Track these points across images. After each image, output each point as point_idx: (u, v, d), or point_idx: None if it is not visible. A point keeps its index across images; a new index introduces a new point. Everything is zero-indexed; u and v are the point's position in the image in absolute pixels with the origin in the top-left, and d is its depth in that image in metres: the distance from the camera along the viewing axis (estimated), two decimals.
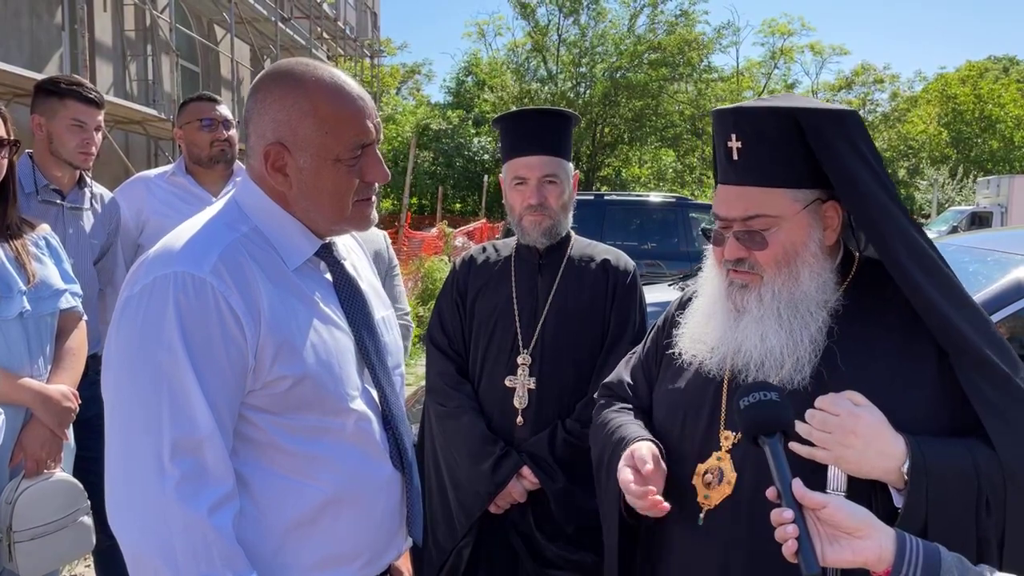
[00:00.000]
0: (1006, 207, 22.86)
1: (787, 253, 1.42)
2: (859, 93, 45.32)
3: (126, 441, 1.29)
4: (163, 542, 1.26)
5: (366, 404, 1.48)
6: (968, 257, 3.39)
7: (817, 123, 1.37)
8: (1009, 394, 1.33)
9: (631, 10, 36.18)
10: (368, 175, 1.45)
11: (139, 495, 1.27)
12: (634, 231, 10.27)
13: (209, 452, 1.29)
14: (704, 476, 1.49)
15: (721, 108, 1.47)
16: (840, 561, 1.16)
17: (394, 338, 1.66)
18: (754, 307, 1.44)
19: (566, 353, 2.32)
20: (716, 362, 1.51)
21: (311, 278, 1.48)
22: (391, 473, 1.53)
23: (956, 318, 1.36)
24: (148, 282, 1.32)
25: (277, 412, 1.38)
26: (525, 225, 2.35)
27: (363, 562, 1.50)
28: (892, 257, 1.38)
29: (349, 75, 1.48)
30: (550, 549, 2.27)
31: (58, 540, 2.18)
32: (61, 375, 2.32)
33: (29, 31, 10.77)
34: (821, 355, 1.42)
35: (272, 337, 1.34)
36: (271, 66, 1.48)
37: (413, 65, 50.04)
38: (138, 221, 3.17)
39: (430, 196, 29.67)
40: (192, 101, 3.28)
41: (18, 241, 2.25)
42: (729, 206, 1.45)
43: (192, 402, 1.28)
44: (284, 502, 1.40)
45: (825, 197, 1.43)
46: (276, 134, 1.39)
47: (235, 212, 1.46)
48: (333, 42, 22.50)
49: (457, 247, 14.55)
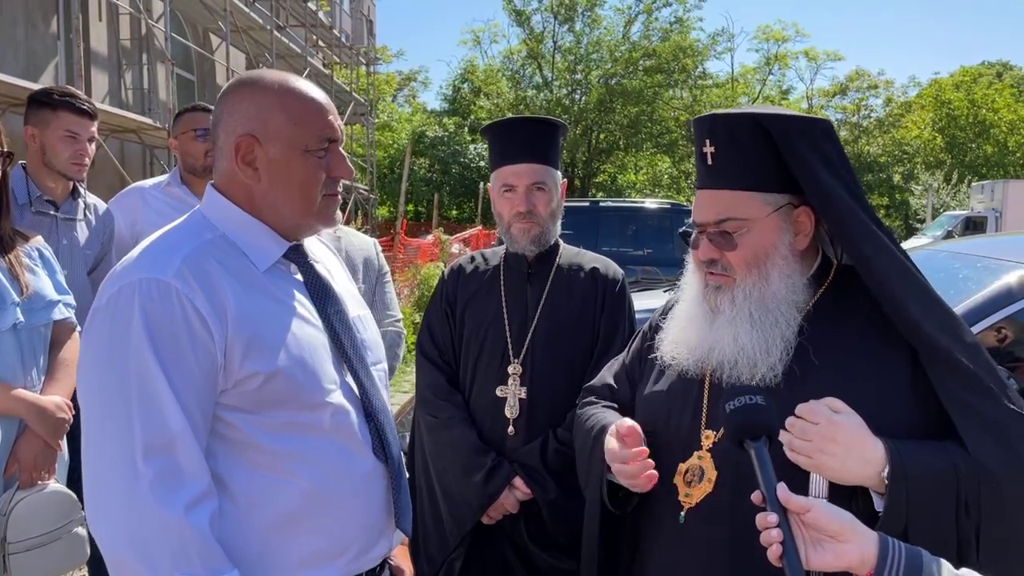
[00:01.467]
0: (1000, 212, 22.94)
1: (757, 255, 1.47)
2: (853, 99, 45.47)
3: (100, 446, 1.31)
4: (140, 542, 1.27)
5: (345, 397, 1.50)
6: (958, 263, 3.40)
7: (787, 130, 1.42)
8: (978, 392, 1.36)
9: (626, 17, 36.38)
10: (334, 171, 1.50)
11: (115, 497, 1.29)
12: (629, 237, 10.31)
13: (182, 451, 1.31)
14: (685, 475, 1.52)
15: (700, 116, 1.54)
16: (823, 564, 1.17)
17: (373, 336, 1.68)
18: (727, 308, 1.49)
19: (557, 362, 2.33)
20: (694, 362, 1.55)
21: (281, 279, 1.51)
22: (374, 465, 1.54)
23: (925, 318, 1.39)
24: (114, 292, 1.35)
25: (252, 410, 1.40)
26: (514, 233, 2.36)
27: (351, 556, 1.51)
28: (861, 257, 1.43)
29: (313, 84, 1.55)
30: (542, 559, 2.27)
31: (52, 551, 2.18)
32: (55, 386, 2.33)
33: (24, 41, 10.77)
34: (793, 353, 1.45)
35: (240, 334, 1.37)
36: (236, 77, 1.56)
37: (409, 72, 50.11)
38: (133, 231, 3.18)
39: (426, 203, 29.70)
40: (187, 111, 3.30)
41: (11, 253, 2.26)
42: (703, 210, 1.51)
43: (162, 403, 1.30)
44: (265, 500, 1.41)
45: (797, 203, 1.48)
46: (247, 127, 1.44)
47: (200, 221, 1.50)
48: (329, 50, 22.53)
49: (453, 254, 14.55)
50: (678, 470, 1.53)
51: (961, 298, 2.82)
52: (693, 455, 1.52)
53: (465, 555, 2.32)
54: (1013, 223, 21.77)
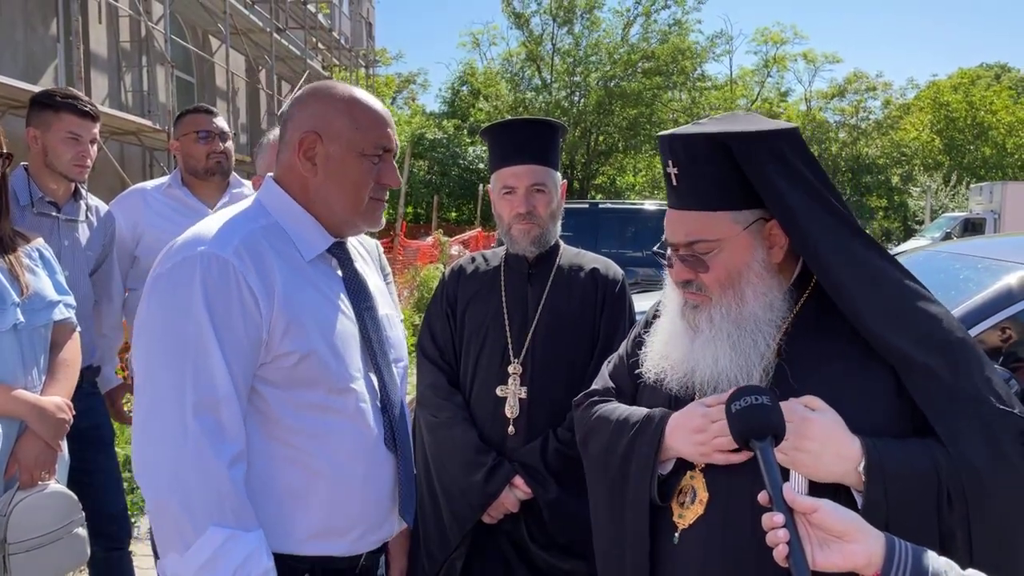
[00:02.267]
0: (999, 213, 22.97)
1: (730, 274, 1.44)
2: (852, 101, 45.54)
3: (153, 401, 1.45)
4: (183, 491, 1.40)
5: (366, 387, 1.62)
6: (959, 264, 3.41)
7: (745, 145, 1.38)
8: (960, 398, 1.35)
9: (624, 19, 36.42)
10: (383, 178, 1.64)
11: (163, 447, 1.42)
12: (629, 239, 10.30)
13: (226, 413, 1.45)
14: (678, 496, 1.50)
15: (661, 134, 1.49)
16: (830, 565, 1.17)
17: (397, 335, 1.80)
18: (706, 327, 1.46)
19: (557, 362, 2.34)
20: (678, 380, 1.52)
21: (323, 271, 1.64)
22: (384, 454, 1.66)
23: (891, 331, 1.37)
24: (178, 260, 1.49)
25: (284, 387, 1.52)
26: (514, 234, 2.37)
27: (356, 535, 1.63)
28: (825, 272, 1.40)
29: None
30: (542, 558, 2.27)
31: (52, 552, 2.18)
32: (55, 387, 2.33)
33: (24, 43, 10.78)
34: (773, 373, 1.43)
35: (283, 314, 1.50)
36: (310, 84, 1.73)
37: (408, 75, 50.23)
38: (134, 233, 3.18)
39: (426, 205, 29.69)
40: (189, 113, 3.29)
41: (12, 253, 2.26)
42: (673, 231, 1.49)
43: (213, 367, 1.44)
44: (284, 473, 1.54)
45: (768, 216, 1.44)
46: (313, 125, 1.59)
47: (258, 208, 1.64)
48: (328, 52, 22.55)
49: (452, 255, 14.55)
50: (673, 490, 1.51)
51: (962, 299, 2.83)
52: (686, 475, 1.50)
53: (466, 554, 2.33)
54: (1012, 225, 21.79)
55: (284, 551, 1.53)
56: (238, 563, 1.40)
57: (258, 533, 1.45)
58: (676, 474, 1.52)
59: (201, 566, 1.39)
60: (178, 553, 1.41)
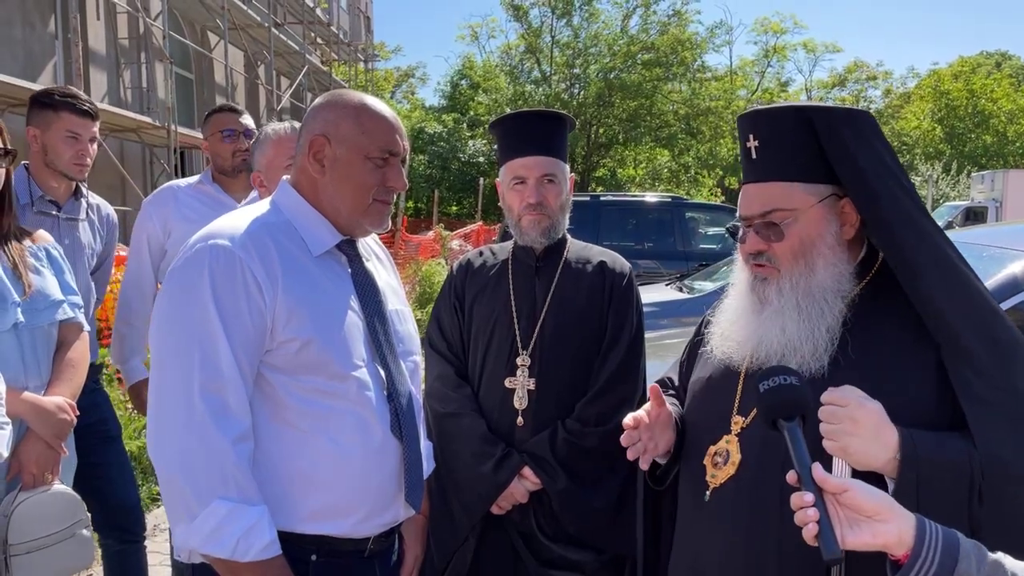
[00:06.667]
0: (1001, 202, 22.89)
1: (803, 244, 1.49)
2: (852, 90, 45.49)
3: (164, 383, 1.56)
4: (189, 466, 1.50)
5: (369, 375, 1.69)
6: (964, 252, 3.38)
7: (829, 121, 1.46)
8: (1000, 388, 1.36)
9: (624, 11, 36.24)
10: (389, 180, 1.71)
11: (172, 424, 1.53)
12: (630, 231, 10.25)
13: (232, 393, 1.54)
14: (713, 457, 1.58)
15: (743, 112, 1.59)
16: (860, 544, 1.16)
17: (408, 330, 1.87)
18: (775, 299, 1.51)
19: (565, 353, 2.34)
20: (740, 354, 1.58)
21: (331, 265, 1.73)
22: (388, 441, 1.71)
23: (951, 310, 1.39)
24: (189, 255, 1.59)
25: (290, 373, 1.61)
26: (524, 225, 2.37)
27: (357, 519, 1.68)
28: (894, 248, 1.44)
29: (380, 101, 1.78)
30: (552, 549, 2.28)
31: (56, 553, 2.16)
32: (59, 387, 2.31)
33: (22, 40, 10.75)
34: (838, 343, 1.46)
35: (286, 302, 1.59)
36: (327, 92, 1.82)
37: (407, 68, 50.18)
38: (165, 227, 3.25)
39: (426, 200, 29.63)
40: (215, 112, 3.36)
41: (15, 252, 2.25)
42: (749, 204, 1.55)
43: (218, 351, 1.53)
44: (288, 454, 1.62)
45: (842, 193, 1.50)
46: (322, 129, 1.69)
47: (270, 207, 1.74)
48: (327, 47, 22.50)
49: (454, 250, 14.55)
50: (708, 452, 1.59)
51: None
52: (722, 439, 1.57)
53: (475, 545, 2.33)
54: (1013, 213, 21.73)
55: (287, 528, 1.61)
56: (240, 534, 1.50)
57: (261, 507, 1.54)
58: (712, 434, 1.59)
59: (207, 536, 1.50)
60: (186, 524, 1.52)
